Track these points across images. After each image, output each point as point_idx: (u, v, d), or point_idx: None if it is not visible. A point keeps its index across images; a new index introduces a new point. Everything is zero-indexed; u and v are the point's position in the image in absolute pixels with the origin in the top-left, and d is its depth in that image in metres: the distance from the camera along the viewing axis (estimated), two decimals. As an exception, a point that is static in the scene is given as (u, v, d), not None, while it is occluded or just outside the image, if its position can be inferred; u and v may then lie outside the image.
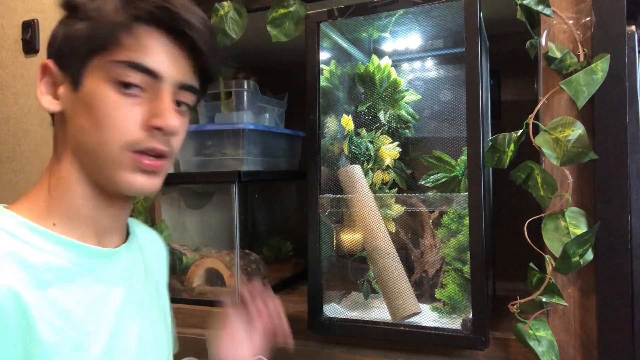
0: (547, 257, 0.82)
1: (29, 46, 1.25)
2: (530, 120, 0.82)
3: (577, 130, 0.79)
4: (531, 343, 0.80)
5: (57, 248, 0.55)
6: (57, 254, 0.55)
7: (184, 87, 0.59)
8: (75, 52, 0.56)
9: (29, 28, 1.25)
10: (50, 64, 0.58)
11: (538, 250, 0.82)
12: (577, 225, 0.80)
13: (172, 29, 0.56)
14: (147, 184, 0.58)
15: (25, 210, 0.57)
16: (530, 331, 0.81)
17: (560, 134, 0.80)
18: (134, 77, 0.55)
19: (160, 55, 0.56)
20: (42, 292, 0.52)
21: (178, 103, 0.60)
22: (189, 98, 0.60)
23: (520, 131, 0.83)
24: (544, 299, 0.81)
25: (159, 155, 0.57)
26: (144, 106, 0.56)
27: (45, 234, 0.55)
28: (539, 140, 0.81)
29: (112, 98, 0.55)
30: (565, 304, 0.81)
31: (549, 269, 0.81)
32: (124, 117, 0.55)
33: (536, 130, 0.82)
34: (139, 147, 0.56)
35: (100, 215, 0.60)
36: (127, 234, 0.68)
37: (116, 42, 0.54)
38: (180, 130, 0.59)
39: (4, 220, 0.54)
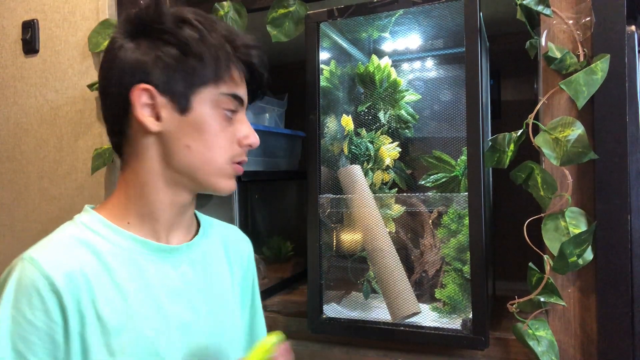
0: (545, 257, 0.82)
1: (29, 46, 1.25)
2: (530, 120, 0.82)
3: (577, 130, 0.79)
4: (531, 343, 0.80)
5: (125, 240, 0.67)
6: (123, 245, 0.66)
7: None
8: (187, 82, 0.66)
9: (29, 28, 1.24)
10: (152, 89, 0.65)
11: (537, 250, 0.82)
12: (577, 225, 0.80)
13: (247, 64, 0.70)
14: (231, 184, 0.71)
15: (105, 211, 0.69)
16: (530, 331, 0.81)
17: (560, 134, 0.80)
18: (233, 105, 0.69)
19: (243, 85, 0.71)
20: (106, 274, 0.63)
21: None
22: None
23: (520, 131, 0.83)
24: (542, 299, 0.81)
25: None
26: (234, 126, 0.70)
27: (115, 229, 0.67)
28: (538, 140, 0.81)
29: (218, 122, 0.67)
30: (563, 303, 0.81)
31: (548, 268, 0.81)
32: (228, 137, 0.69)
33: (536, 130, 0.82)
34: (237, 160, 0.70)
35: (170, 217, 0.70)
36: (196, 232, 0.77)
37: (220, 78, 0.67)
38: None
39: (85, 216, 0.68)
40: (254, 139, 0.71)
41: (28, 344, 0.57)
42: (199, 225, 0.78)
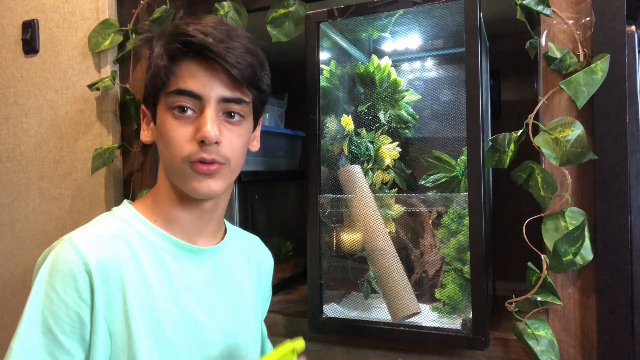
0: (543, 256, 0.82)
1: (29, 46, 1.25)
2: (530, 120, 0.82)
3: (577, 131, 0.79)
4: (530, 342, 0.80)
5: (155, 236, 0.71)
6: (153, 241, 0.70)
7: (227, 100, 0.69)
8: (149, 95, 0.71)
9: (29, 28, 1.24)
10: (144, 108, 0.74)
11: (536, 250, 0.82)
12: (576, 225, 0.80)
13: (203, 57, 0.67)
14: (202, 185, 0.68)
15: (140, 207, 0.73)
16: (529, 330, 0.81)
17: (560, 134, 0.80)
18: (183, 101, 0.67)
19: (199, 79, 0.67)
20: (135, 266, 0.67)
21: (231, 115, 0.70)
22: (237, 108, 0.70)
23: (520, 131, 0.83)
24: (539, 298, 0.81)
25: (211, 162, 0.68)
26: (194, 124, 0.68)
27: (148, 225, 0.71)
28: (538, 140, 0.81)
29: (170, 122, 0.68)
30: (560, 303, 0.81)
31: (544, 267, 0.81)
32: (179, 136, 0.68)
33: (536, 130, 0.82)
34: (192, 159, 0.67)
35: (186, 217, 0.73)
36: (222, 238, 0.80)
37: (167, 80, 0.68)
38: (228, 138, 0.69)
39: (123, 210, 0.72)
40: (205, 132, 0.66)
41: (57, 319, 0.61)
42: (225, 232, 0.81)
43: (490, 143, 0.86)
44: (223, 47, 0.66)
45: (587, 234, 0.80)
